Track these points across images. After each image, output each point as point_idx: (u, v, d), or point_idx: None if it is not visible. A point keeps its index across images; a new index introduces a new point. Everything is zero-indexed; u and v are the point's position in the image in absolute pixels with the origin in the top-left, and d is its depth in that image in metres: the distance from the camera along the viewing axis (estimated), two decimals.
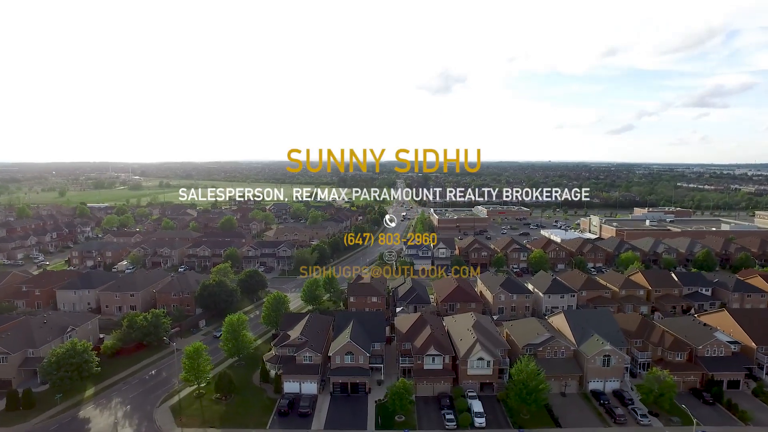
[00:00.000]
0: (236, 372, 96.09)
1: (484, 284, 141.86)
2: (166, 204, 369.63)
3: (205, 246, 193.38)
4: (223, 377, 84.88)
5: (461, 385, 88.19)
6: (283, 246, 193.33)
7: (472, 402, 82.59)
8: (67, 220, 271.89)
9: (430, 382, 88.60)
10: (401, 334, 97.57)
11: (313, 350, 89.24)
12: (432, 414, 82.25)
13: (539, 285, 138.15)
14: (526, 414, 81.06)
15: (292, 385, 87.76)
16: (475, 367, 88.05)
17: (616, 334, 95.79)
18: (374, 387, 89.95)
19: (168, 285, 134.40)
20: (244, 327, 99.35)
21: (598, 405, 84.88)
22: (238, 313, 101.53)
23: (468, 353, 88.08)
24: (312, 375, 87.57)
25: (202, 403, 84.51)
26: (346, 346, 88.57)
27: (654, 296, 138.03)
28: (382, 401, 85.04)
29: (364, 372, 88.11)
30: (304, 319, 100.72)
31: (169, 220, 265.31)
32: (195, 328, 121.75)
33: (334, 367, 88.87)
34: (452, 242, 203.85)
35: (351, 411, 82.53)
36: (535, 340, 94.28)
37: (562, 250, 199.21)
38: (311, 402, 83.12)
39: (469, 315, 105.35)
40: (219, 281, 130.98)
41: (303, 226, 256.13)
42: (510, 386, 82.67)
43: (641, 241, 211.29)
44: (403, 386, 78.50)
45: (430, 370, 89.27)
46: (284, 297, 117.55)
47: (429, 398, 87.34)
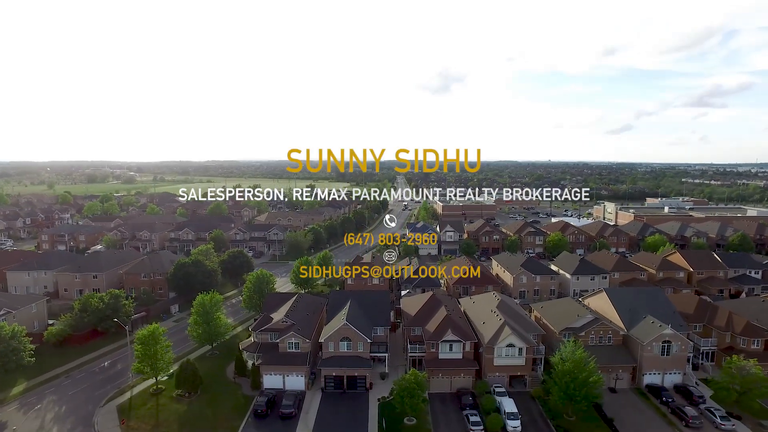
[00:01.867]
0: (208, 364, 78.58)
1: (501, 265, 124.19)
2: (155, 194, 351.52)
3: (189, 229, 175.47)
4: (186, 369, 67.09)
5: (486, 379, 70.53)
6: (275, 229, 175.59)
7: (502, 400, 64.84)
8: (46, 206, 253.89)
9: (447, 376, 70.88)
10: (410, 317, 79.92)
11: (300, 335, 71.44)
12: (451, 415, 64.52)
13: (565, 266, 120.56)
14: (571, 415, 63.36)
15: (273, 379, 70.08)
16: (503, 356, 70.30)
17: (674, 316, 78.13)
18: (376, 381, 72.26)
19: (138, 265, 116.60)
20: (219, 309, 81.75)
21: (660, 403, 67.19)
22: (212, 291, 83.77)
23: (494, 339, 70.34)
24: (298, 366, 69.83)
25: (159, 401, 66.75)
26: (341, 330, 70.82)
27: (696, 279, 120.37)
28: (386, 399, 67.42)
29: (364, 362, 70.35)
30: (291, 300, 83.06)
31: (154, 206, 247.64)
32: (166, 313, 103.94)
33: (327, 356, 71.15)
34: (461, 225, 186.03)
35: (347, 412, 64.86)
36: (574, 323, 76.57)
37: (582, 234, 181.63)
38: (296, 400, 65.32)
39: (491, 294, 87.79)
40: (196, 260, 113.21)
41: (298, 213, 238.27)
42: (550, 379, 65.06)
43: (666, 226, 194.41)
44: (414, 380, 60.76)
45: (446, 360, 71.51)
46: (269, 275, 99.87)
47: (446, 396, 69.64)
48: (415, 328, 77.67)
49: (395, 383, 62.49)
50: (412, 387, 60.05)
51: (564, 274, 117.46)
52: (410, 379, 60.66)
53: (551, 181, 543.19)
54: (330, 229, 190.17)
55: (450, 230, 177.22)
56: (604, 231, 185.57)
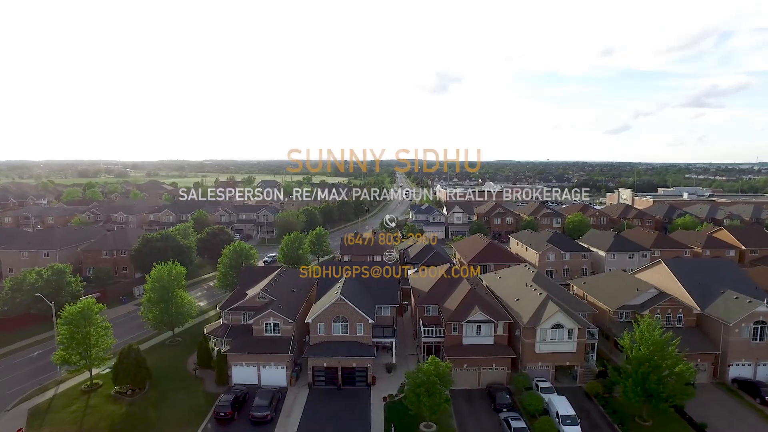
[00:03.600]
0: (166, 353, 62.01)
1: (522, 243, 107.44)
2: (142, 183, 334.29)
3: (169, 210, 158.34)
4: (126, 358, 50.21)
5: (525, 371, 53.84)
6: (264, 210, 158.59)
7: (551, 398, 48.17)
8: (21, 192, 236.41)
9: (474, 366, 54.14)
10: (422, 294, 63.17)
11: (281, 315, 54.55)
12: (483, 419, 47.77)
13: (597, 243, 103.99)
14: (645, 419, 46.74)
15: (245, 372, 53.33)
16: (548, 340, 53.52)
17: (757, 293, 61.42)
18: (381, 375, 55.61)
19: (98, 242, 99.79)
20: (180, 284, 65.01)
21: (759, 403, 50.58)
22: (172, 261, 66.96)
23: (536, 318, 53.57)
24: (278, 355, 53.05)
25: (90, 401, 49.95)
26: (335, 307, 53.99)
27: (749, 258, 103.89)
28: (394, 398, 50.78)
29: (365, 350, 53.58)
30: (273, 274, 66.27)
31: (138, 192, 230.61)
32: (126, 296, 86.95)
33: (316, 341, 54.38)
34: (470, 207, 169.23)
35: (342, 415, 48.14)
36: (633, 300, 59.95)
37: (603, 216, 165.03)
38: (273, 399, 48.51)
39: (522, 267, 71.14)
40: (166, 235, 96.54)
41: None
42: (614, 372, 48.51)
43: (693, 209, 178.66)
44: (434, 371, 44.05)
45: (473, 346, 54.72)
46: (249, 248, 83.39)
47: (473, 393, 52.92)
48: (429, 306, 60.98)
49: (407, 376, 45.65)
50: (431, 381, 43.32)
51: (596, 252, 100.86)
52: (429, 370, 43.94)
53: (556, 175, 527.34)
54: (326, 212, 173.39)
55: (458, 211, 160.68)
56: (627, 213, 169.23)
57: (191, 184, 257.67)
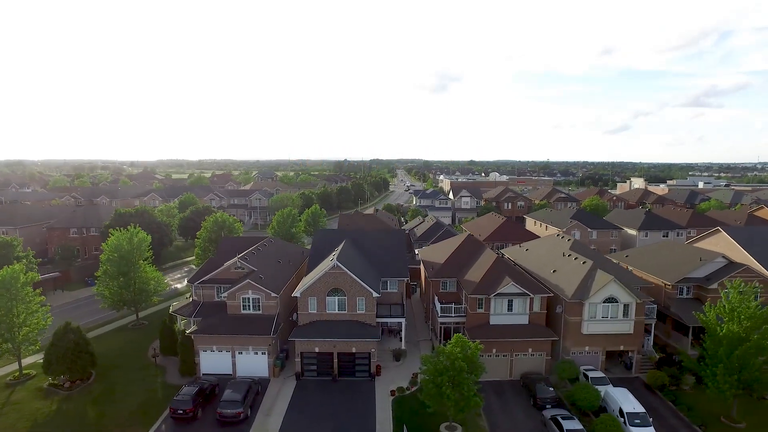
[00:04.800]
0: (126, 338, 51.08)
1: (541, 222, 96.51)
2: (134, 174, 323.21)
3: (156, 194, 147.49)
4: (61, 340, 39.14)
5: (569, 357, 42.78)
6: (257, 193, 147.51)
7: (609, 392, 37.11)
8: (5, 180, 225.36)
9: (505, 352, 43.05)
10: (437, 267, 52.05)
11: (262, 287, 43.41)
12: (519, 416, 36.75)
13: (625, 221, 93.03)
14: (737, 420, 35.70)
15: (216, 359, 42.25)
16: (598, 318, 42.41)
17: None
18: (387, 363, 44.59)
19: (66, 218, 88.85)
20: (144, 255, 54.10)
21: None
22: (133, 226, 56.03)
23: (582, 290, 42.51)
24: (258, 337, 41.92)
25: (13, 396, 38.91)
26: (329, 277, 42.88)
27: None
28: (405, 392, 39.80)
29: (368, 331, 42.41)
30: (256, 245, 55.23)
31: (127, 180, 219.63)
32: (93, 277, 75.63)
33: (306, 320, 43.28)
34: (478, 191, 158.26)
35: (339, 413, 37.09)
36: (696, 271, 48.96)
37: (621, 201, 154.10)
38: (248, 393, 37.39)
39: (554, 236, 60.19)
40: (142, 210, 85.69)
41: (289, 185, 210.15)
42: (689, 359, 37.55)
43: (716, 194, 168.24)
44: (460, 352, 33.01)
45: (503, 327, 43.59)
46: (232, 220, 72.46)
47: (504, 385, 41.88)
48: (446, 280, 49.95)
49: (424, 361, 34.52)
50: (457, 368, 32.25)
51: (626, 231, 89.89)
52: (454, 354, 32.89)
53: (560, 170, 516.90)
54: (324, 197, 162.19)
55: (466, 195, 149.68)
56: (646, 197, 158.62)
57: (186, 176, 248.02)
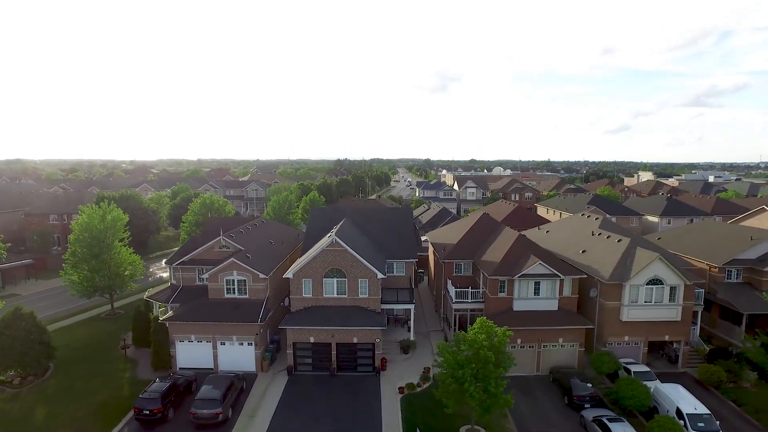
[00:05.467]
0: (97, 329, 45.18)
1: (554, 208, 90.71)
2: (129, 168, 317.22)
3: (148, 185, 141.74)
4: (8, 328, 33.18)
5: (606, 349, 36.78)
6: (254, 184, 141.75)
7: (661, 389, 31.09)
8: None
9: (532, 342, 37.04)
10: (449, 248, 46.00)
11: (249, 268, 37.40)
12: (552, 417, 30.76)
13: (645, 208, 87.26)
14: None
15: (193, 351, 36.28)
16: (640, 304, 36.38)
17: None
18: (394, 356, 38.62)
19: (45, 204, 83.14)
20: (119, 235, 48.22)
21: None
22: (108, 204, 50.16)
23: (621, 270, 36.51)
24: (243, 325, 35.90)
25: None
26: (326, 254, 36.89)
27: None
28: (416, 389, 33.85)
29: (371, 319, 36.32)
30: (246, 224, 49.30)
31: (122, 173, 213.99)
32: None
33: (300, 306, 37.27)
34: (484, 182, 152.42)
35: (338, 414, 31.07)
36: (746, 252, 42.95)
37: (633, 192, 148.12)
38: (231, 390, 31.39)
39: (579, 215, 54.36)
40: (127, 195, 79.98)
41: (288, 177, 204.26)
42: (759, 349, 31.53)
43: (732, 185, 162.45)
44: (486, 341, 26.96)
45: (528, 314, 37.58)
46: (222, 201, 66.58)
47: (530, 380, 35.93)
48: (460, 262, 43.94)
49: (442, 351, 28.44)
50: (483, 358, 26.22)
51: (646, 217, 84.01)
52: (478, 341, 26.87)
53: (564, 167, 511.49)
54: (324, 189, 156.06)
55: (471, 186, 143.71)
56: (658, 189, 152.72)
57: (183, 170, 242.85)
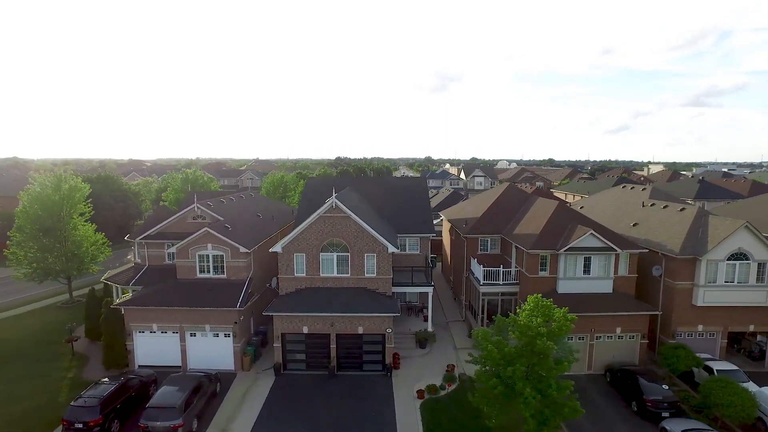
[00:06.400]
0: (48, 319, 37.68)
1: (574, 192, 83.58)
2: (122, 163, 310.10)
3: (137, 173, 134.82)
4: None
5: (672, 341, 29.29)
6: (249, 173, 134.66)
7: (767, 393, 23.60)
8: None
9: (582, 332, 29.45)
10: (472, 222, 38.53)
11: (228, 240, 29.93)
12: (618, 428, 23.31)
13: (675, 191, 79.83)
14: None
15: (156, 344, 28.78)
16: (720, 284, 28.89)
17: None
18: (409, 351, 31.13)
19: (16, 186, 75.64)
20: (78, 209, 40.76)
21: None
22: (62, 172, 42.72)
23: (693, 243, 29.04)
24: (219, 311, 28.38)
25: None
26: (324, 223, 29.45)
27: None
28: (439, 392, 26.31)
29: (381, 303, 28.71)
30: (230, 195, 41.91)
31: (113, 165, 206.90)
32: None
33: (291, 287, 29.77)
34: (492, 171, 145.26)
35: (339, 426, 23.55)
36: None
37: (648, 181, 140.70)
38: (198, 395, 23.90)
39: (620, 188, 47.08)
40: (105, 176, 72.92)
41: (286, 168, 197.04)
42: None
43: (751, 176, 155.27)
44: (542, 323, 19.42)
45: (576, 297, 30.04)
46: (208, 177, 59.42)
47: (580, 379, 28.40)
48: (486, 238, 36.49)
49: (478, 339, 20.82)
50: (542, 350, 18.66)
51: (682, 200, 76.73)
52: (533, 327, 19.32)
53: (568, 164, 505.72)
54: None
55: (479, 175, 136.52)
56: (675, 179, 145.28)
57: None
